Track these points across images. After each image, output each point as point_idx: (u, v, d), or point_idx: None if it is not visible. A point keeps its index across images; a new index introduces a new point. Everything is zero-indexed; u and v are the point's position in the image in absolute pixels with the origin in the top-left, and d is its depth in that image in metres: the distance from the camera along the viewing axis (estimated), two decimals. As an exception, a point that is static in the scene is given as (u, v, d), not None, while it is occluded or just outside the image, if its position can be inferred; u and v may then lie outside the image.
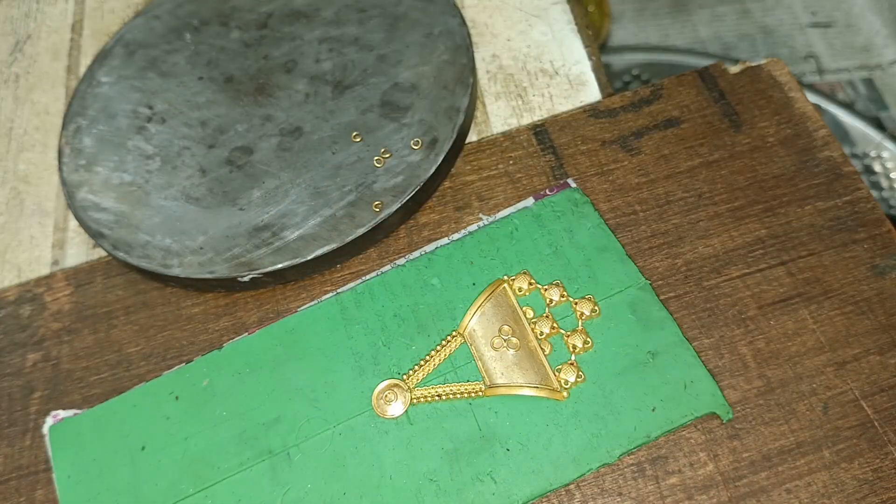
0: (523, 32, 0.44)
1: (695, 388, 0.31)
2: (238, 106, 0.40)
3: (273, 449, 0.32)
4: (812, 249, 0.34)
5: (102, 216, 0.37)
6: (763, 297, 0.33)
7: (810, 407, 0.31)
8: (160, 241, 0.36)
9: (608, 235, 0.35)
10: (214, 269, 0.35)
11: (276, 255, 0.35)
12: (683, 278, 0.34)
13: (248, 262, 0.35)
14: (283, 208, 0.37)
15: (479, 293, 0.34)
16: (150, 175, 0.39)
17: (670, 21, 0.77)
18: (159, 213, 0.37)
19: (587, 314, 0.33)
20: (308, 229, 0.36)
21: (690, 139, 0.37)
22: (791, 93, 0.38)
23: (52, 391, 0.35)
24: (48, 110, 0.46)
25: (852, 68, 0.72)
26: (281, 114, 0.40)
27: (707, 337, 0.32)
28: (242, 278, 0.35)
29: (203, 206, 0.37)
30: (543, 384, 0.31)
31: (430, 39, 0.40)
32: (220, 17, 0.44)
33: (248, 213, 0.37)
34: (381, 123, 0.38)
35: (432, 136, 0.37)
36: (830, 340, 0.32)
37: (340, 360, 0.33)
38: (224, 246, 0.36)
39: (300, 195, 0.37)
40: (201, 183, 0.38)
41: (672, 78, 0.39)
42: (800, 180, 0.36)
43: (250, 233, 0.36)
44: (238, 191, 0.38)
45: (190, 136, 0.40)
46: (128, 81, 0.42)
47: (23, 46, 0.48)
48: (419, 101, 0.39)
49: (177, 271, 0.35)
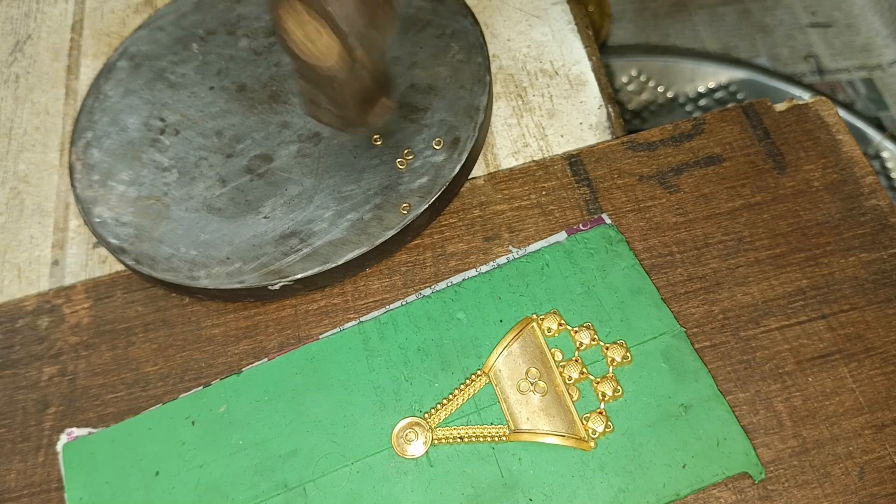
0: (523, 32, 0.44)
1: (728, 445, 0.30)
2: (253, 114, 0.40)
3: (289, 483, 0.31)
4: (854, 304, 0.33)
5: (122, 231, 0.37)
6: (802, 352, 0.32)
7: (846, 471, 0.30)
8: (185, 254, 0.36)
9: (643, 277, 0.34)
10: (244, 278, 0.35)
11: (305, 261, 0.35)
12: (720, 327, 0.33)
13: (277, 270, 0.35)
14: (309, 214, 0.36)
15: (506, 331, 0.33)
16: (169, 187, 0.38)
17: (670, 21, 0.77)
18: (181, 225, 0.37)
19: (618, 360, 0.32)
20: (336, 234, 0.35)
21: (732, 179, 0.36)
22: (839, 135, 0.37)
23: (68, 407, 0.35)
24: (48, 110, 0.45)
25: (852, 68, 0.72)
26: (298, 120, 0.39)
27: (742, 391, 0.31)
28: (273, 286, 0.35)
29: (226, 216, 0.37)
30: (570, 433, 0.30)
31: (443, 40, 0.40)
32: (227, 27, 0.43)
33: (273, 221, 0.36)
34: (401, 125, 0.38)
35: (454, 135, 0.37)
36: (870, 402, 0.31)
37: (361, 394, 0.33)
38: (251, 255, 0.35)
39: (325, 201, 0.36)
40: (222, 193, 0.37)
41: (715, 112, 0.38)
42: (844, 229, 0.34)
43: (277, 241, 0.36)
44: (261, 199, 0.37)
45: (206, 146, 0.39)
46: (136, 94, 0.41)
47: (23, 46, 0.47)
48: (437, 102, 0.38)
49: (205, 283, 0.35)
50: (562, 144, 0.39)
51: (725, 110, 0.38)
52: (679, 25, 0.77)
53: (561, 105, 0.40)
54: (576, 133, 0.40)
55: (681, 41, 0.76)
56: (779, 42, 0.75)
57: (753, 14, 0.77)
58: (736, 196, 0.36)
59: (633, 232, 0.35)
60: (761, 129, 0.37)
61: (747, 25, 0.76)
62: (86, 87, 0.46)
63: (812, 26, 0.74)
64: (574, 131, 0.40)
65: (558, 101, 0.41)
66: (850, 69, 0.72)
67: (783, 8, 0.76)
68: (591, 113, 0.40)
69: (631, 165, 0.37)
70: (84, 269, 0.39)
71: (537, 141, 0.40)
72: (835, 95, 0.71)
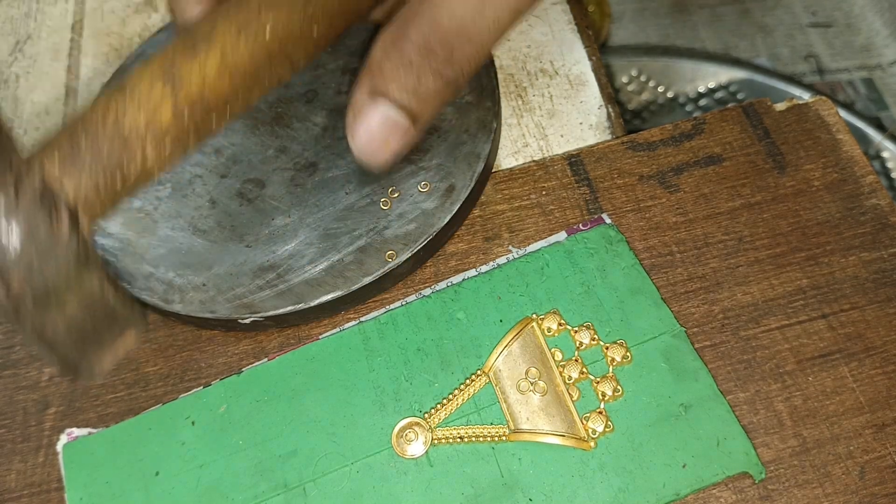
0: (523, 32, 0.43)
1: (728, 445, 0.30)
2: (254, 135, 0.39)
3: (289, 483, 0.31)
4: (855, 303, 0.33)
5: (108, 242, 0.36)
6: (802, 352, 0.32)
7: (846, 470, 0.30)
8: (163, 274, 0.35)
9: (643, 277, 0.34)
10: (215, 308, 0.34)
11: (278, 298, 0.34)
12: (720, 327, 0.33)
13: (249, 304, 0.34)
14: (291, 249, 0.35)
15: (506, 331, 0.33)
16: (160, 202, 0.37)
17: (670, 21, 0.76)
18: (165, 243, 0.36)
19: (618, 360, 0.32)
20: (314, 273, 0.34)
21: (732, 178, 0.36)
22: (839, 135, 0.37)
23: (68, 408, 0.35)
24: (48, 110, 0.45)
25: (852, 68, 0.72)
26: (297, 147, 0.38)
27: (742, 391, 0.31)
28: (243, 320, 0.34)
29: (210, 239, 0.36)
30: (570, 432, 0.30)
31: None
32: None
33: (255, 250, 0.35)
34: (398, 165, 0.36)
35: (449, 182, 0.35)
36: (870, 401, 0.31)
37: (361, 394, 0.33)
38: (227, 285, 0.34)
39: (309, 236, 0.35)
40: (210, 215, 0.37)
41: (715, 112, 0.38)
42: (845, 228, 0.34)
43: (255, 272, 0.35)
44: (246, 226, 0.36)
45: (203, 163, 0.38)
46: None
47: (23, 46, 0.47)
48: (438, 144, 0.37)
49: (177, 307, 0.34)
50: (562, 144, 0.39)
51: (725, 110, 0.38)
52: (679, 25, 0.77)
53: (561, 105, 0.40)
54: (576, 133, 0.40)
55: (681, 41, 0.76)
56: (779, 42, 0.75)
57: (753, 14, 0.76)
58: (736, 196, 0.36)
59: (633, 232, 0.35)
60: (761, 128, 0.37)
61: (747, 25, 0.76)
62: (86, 87, 0.46)
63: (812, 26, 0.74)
64: (574, 131, 0.40)
65: (558, 101, 0.41)
66: (850, 69, 0.72)
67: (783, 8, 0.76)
68: (591, 113, 0.40)
69: (631, 165, 0.37)
70: (84, 269, 0.39)
71: (537, 141, 0.40)
72: (835, 95, 0.71)
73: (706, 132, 0.38)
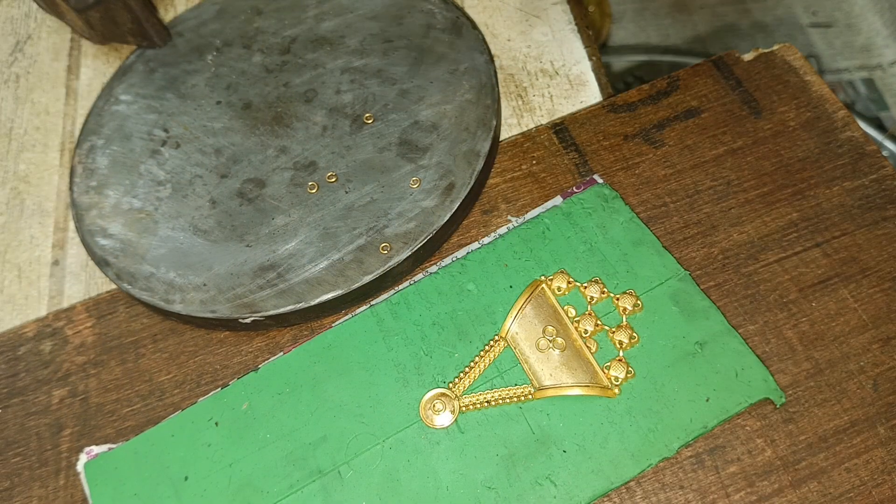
0: (523, 32, 0.44)
1: (746, 375, 0.31)
2: (254, 135, 0.39)
3: (323, 468, 0.31)
4: (845, 229, 0.34)
5: (108, 243, 0.36)
6: (802, 280, 0.33)
7: (860, 385, 0.31)
8: (164, 274, 0.35)
9: (642, 229, 0.35)
10: (216, 308, 0.34)
11: (279, 297, 0.34)
12: (721, 266, 0.34)
13: (250, 304, 0.34)
14: (291, 248, 0.35)
15: (517, 295, 0.34)
16: (160, 203, 0.37)
17: (670, 21, 0.76)
18: (166, 243, 0.36)
19: (630, 309, 0.32)
20: (314, 272, 0.34)
21: (712, 128, 0.37)
22: (806, 76, 0.38)
23: (83, 427, 0.34)
24: (48, 110, 0.45)
25: (852, 68, 0.71)
26: (296, 146, 0.38)
27: (751, 323, 0.32)
28: (244, 320, 0.34)
29: (210, 239, 0.36)
30: (593, 382, 0.31)
31: (455, 76, 0.39)
32: (244, 39, 0.42)
33: (255, 250, 0.35)
34: (398, 164, 0.36)
35: (449, 180, 0.36)
36: (873, 318, 0.32)
37: (382, 373, 0.33)
38: (228, 284, 0.34)
39: (309, 235, 0.35)
40: (210, 215, 0.37)
41: (687, 69, 0.40)
42: (825, 162, 0.36)
43: (255, 272, 0.35)
44: (247, 226, 0.36)
45: (203, 163, 0.38)
46: (145, 101, 0.41)
47: (23, 46, 0.47)
48: (438, 143, 0.37)
49: (178, 307, 0.34)
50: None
51: (697, 66, 0.40)
52: (679, 25, 0.76)
53: (561, 105, 0.41)
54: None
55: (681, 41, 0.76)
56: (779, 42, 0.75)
57: (753, 14, 0.76)
58: (718, 144, 0.37)
59: (625, 188, 0.36)
60: (733, 79, 0.39)
61: (747, 25, 0.75)
62: (86, 87, 0.45)
63: (812, 26, 0.73)
64: (562, 115, 0.41)
65: (558, 101, 0.41)
66: (851, 69, 0.71)
67: (783, 8, 0.76)
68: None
69: (614, 126, 0.38)
70: (84, 269, 0.39)
71: (521, 117, 0.40)
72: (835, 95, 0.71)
73: (681, 88, 0.39)
